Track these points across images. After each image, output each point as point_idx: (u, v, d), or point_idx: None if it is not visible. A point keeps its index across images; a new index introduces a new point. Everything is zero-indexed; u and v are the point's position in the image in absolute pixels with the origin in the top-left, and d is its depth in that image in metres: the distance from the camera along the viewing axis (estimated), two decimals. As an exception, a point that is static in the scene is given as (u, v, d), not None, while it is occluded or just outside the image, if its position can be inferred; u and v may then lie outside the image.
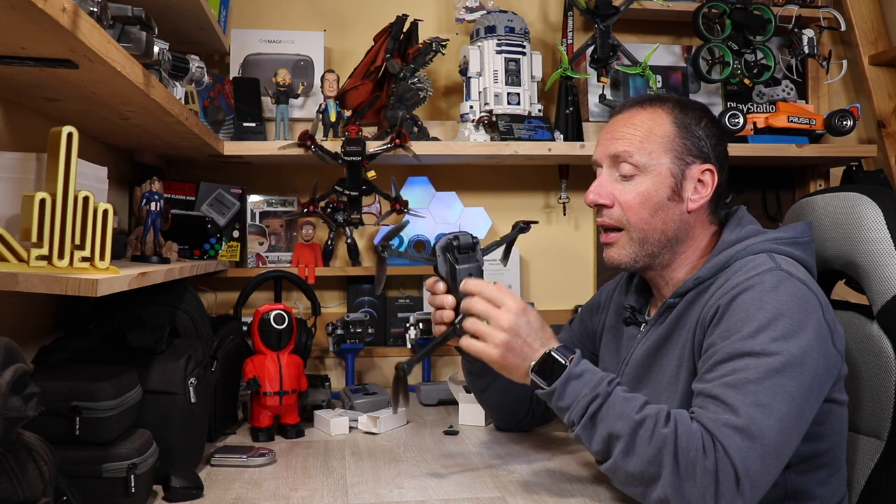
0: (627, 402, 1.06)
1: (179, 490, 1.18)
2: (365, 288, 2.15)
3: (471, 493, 1.20)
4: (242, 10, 2.15)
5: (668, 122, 1.24)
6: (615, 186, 1.24)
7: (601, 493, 1.20)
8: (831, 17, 2.22)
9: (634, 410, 1.04)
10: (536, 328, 1.16)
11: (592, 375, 1.11)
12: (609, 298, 1.45)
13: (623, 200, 1.22)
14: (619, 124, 1.27)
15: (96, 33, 0.93)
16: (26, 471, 0.81)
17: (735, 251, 1.19)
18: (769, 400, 1.00)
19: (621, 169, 1.23)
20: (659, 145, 1.22)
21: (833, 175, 2.32)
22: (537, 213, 2.27)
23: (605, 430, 1.06)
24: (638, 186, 1.22)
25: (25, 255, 0.96)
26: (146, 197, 1.49)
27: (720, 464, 0.97)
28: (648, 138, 1.23)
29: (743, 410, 0.99)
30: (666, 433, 1.00)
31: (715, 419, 1.00)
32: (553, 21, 2.27)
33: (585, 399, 1.08)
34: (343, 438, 1.54)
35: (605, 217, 1.25)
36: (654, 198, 1.21)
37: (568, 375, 1.10)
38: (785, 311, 1.06)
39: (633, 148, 1.22)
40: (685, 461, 0.98)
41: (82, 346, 1.32)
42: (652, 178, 1.22)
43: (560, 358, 1.12)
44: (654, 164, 1.22)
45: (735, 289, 1.11)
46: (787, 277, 1.10)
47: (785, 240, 1.19)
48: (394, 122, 1.97)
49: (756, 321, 1.06)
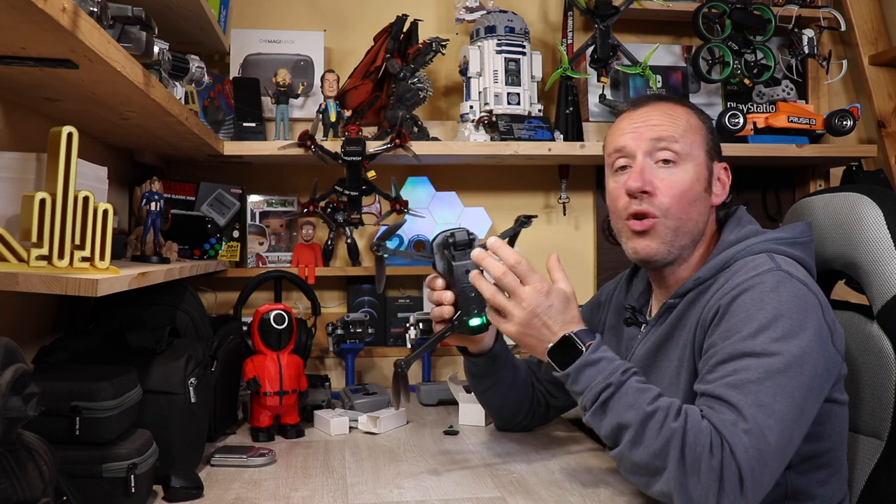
0: (640, 393, 1.06)
1: (179, 490, 1.18)
2: (365, 288, 2.15)
3: (471, 493, 1.20)
4: (242, 10, 2.15)
5: (697, 118, 1.27)
6: (656, 173, 1.22)
7: (601, 492, 1.20)
8: (831, 17, 2.22)
9: (646, 402, 1.04)
10: (558, 310, 1.15)
11: (609, 363, 1.10)
12: (609, 298, 1.45)
13: (665, 187, 1.20)
14: (650, 113, 1.25)
15: (96, 33, 0.93)
16: (26, 471, 0.81)
17: (735, 251, 1.19)
18: (770, 400, 1.00)
19: (661, 155, 1.22)
20: (698, 137, 1.25)
21: (833, 175, 2.32)
22: (537, 213, 2.27)
23: (615, 419, 1.06)
24: (680, 174, 1.21)
25: (25, 255, 0.96)
26: (146, 197, 1.49)
27: (726, 463, 0.97)
28: (689, 129, 1.24)
29: (747, 411, 0.99)
30: (675, 427, 1.00)
31: (723, 419, 1.00)
32: (553, 21, 2.27)
33: (598, 386, 1.08)
34: (343, 438, 1.54)
35: (644, 205, 1.21)
36: (694, 188, 1.22)
37: (584, 362, 1.11)
38: (785, 311, 1.06)
39: (677, 134, 1.22)
40: (692, 457, 0.98)
41: (82, 346, 1.32)
42: (693, 168, 1.22)
43: (578, 342, 1.13)
44: (694, 155, 1.23)
45: (735, 289, 1.11)
46: (787, 278, 1.10)
47: (784, 240, 1.19)
48: (394, 122, 1.97)
49: (756, 321, 1.06)
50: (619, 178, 1.26)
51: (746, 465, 0.96)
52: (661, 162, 1.22)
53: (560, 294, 1.17)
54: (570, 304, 1.18)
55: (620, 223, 1.26)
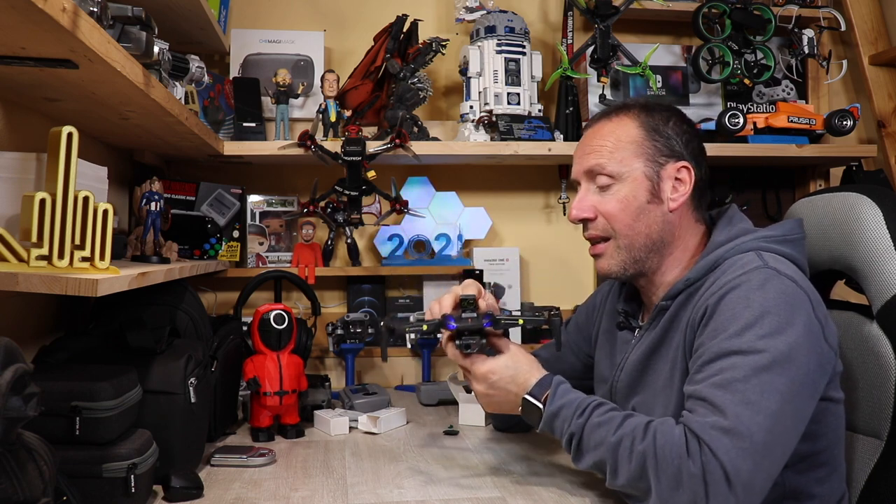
0: (602, 428, 1.09)
1: (179, 490, 1.18)
2: (365, 288, 2.15)
3: (471, 493, 1.20)
4: (242, 10, 2.15)
5: (634, 126, 1.26)
6: (595, 199, 1.26)
7: (601, 492, 1.20)
8: (831, 17, 2.22)
9: (610, 433, 1.07)
10: (507, 380, 1.21)
11: (568, 408, 1.15)
12: (604, 301, 1.45)
13: (604, 210, 1.25)
14: (588, 139, 1.30)
15: (96, 33, 0.93)
16: (26, 471, 0.81)
17: (724, 251, 1.19)
18: (757, 397, 1.00)
19: (598, 181, 1.26)
20: (629, 151, 1.24)
21: (833, 175, 2.32)
22: (537, 212, 2.27)
23: (591, 460, 1.11)
24: (616, 195, 1.24)
25: (25, 255, 0.96)
26: (146, 197, 1.49)
27: (708, 466, 0.97)
28: (617, 147, 1.25)
29: (730, 410, 0.99)
30: (642, 449, 1.02)
31: (702, 422, 1.00)
32: (553, 21, 2.27)
33: (566, 435, 1.14)
34: (343, 438, 1.54)
35: (591, 230, 1.27)
36: (634, 203, 1.23)
37: (547, 417, 1.16)
38: (772, 308, 1.06)
39: (604, 159, 1.24)
40: (669, 471, 0.99)
41: (82, 346, 1.32)
42: (628, 184, 1.23)
43: (534, 402, 1.18)
44: (627, 171, 1.23)
45: (722, 288, 1.11)
46: (775, 275, 1.10)
47: (774, 237, 1.19)
48: (394, 122, 1.97)
49: (742, 319, 1.06)
50: None
51: (730, 464, 0.96)
52: (599, 188, 1.26)
53: (502, 364, 1.22)
54: (518, 368, 1.22)
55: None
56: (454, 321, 1.22)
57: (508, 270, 2.18)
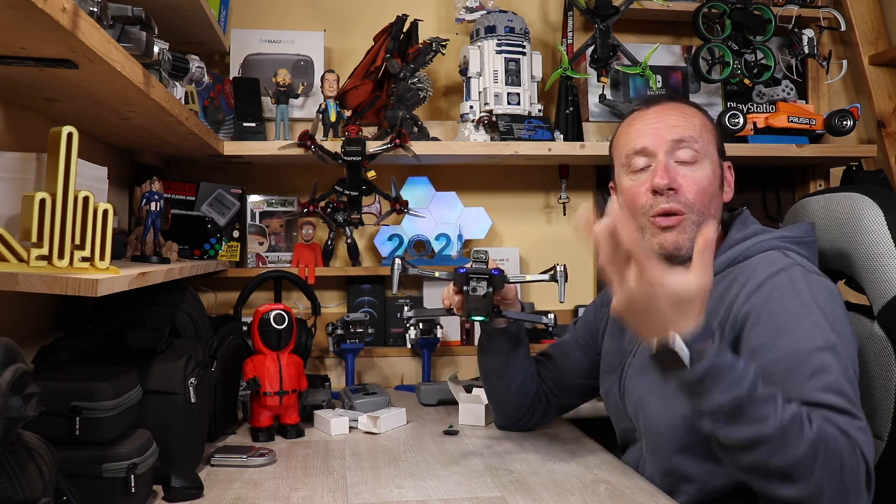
0: (769, 403, 0.97)
1: (179, 490, 1.17)
2: (365, 288, 2.14)
3: (471, 493, 1.20)
4: (242, 10, 2.15)
5: (708, 119, 1.33)
6: (679, 170, 1.26)
7: (600, 492, 1.20)
8: (831, 17, 2.22)
9: (779, 411, 0.96)
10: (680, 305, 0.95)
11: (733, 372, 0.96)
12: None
13: (688, 184, 1.25)
14: (670, 114, 1.30)
15: (96, 33, 0.93)
16: (26, 471, 0.81)
17: (745, 247, 1.23)
18: (853, 393, 1.04)
19: (682, 154, 1.26)
20: (711, 137, 1.30)
21: (833, 175, 2.32)
22: (537, 212, 2.27)
23: (750, 433, 0.96)
24: (701, 171, 1.26)
25: (25, 255, 0.96)
26: (146, 197, 1.49)
27: (859, 464, 0.98)
28: (704, 129, 1.29)
29: (853, 409, 1.02)
30: (813, 437, 0.96)
31: (842, 421, 1.00)
32: (553, 21, 2.27)
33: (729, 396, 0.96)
34: (343, 438, 1.54)
35: (671, 202, 1.24)
36: (713, 185, 1.27)
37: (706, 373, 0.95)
38: (822, 303, 1.11)
39: (696, 133, 1.27)
40: (835, 464, 0.96)
41: (82, 346, 1.32)
42: (710, 165, 1.27)
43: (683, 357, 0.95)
44: (710, 153, 1.28)
45: (763, 286, 1.14)
46: (808, 272, 1.16)
47: (791, 238, 1.24)
48: (394, 122, 1.97)
49: (805, 317, 1.09)
50: (638, 177, 1.29)
51: (871, 461, 1.00)
52: (682, 161, 1.26)
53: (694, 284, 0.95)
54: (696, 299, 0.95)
55: (644, 220, 1.28)
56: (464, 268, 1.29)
57: (508, 270, 2.18)
